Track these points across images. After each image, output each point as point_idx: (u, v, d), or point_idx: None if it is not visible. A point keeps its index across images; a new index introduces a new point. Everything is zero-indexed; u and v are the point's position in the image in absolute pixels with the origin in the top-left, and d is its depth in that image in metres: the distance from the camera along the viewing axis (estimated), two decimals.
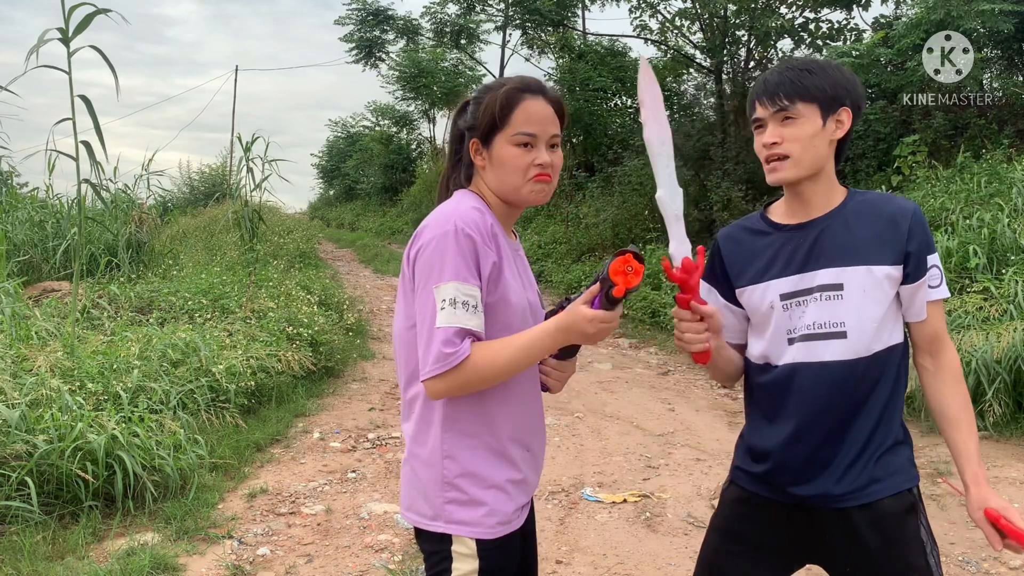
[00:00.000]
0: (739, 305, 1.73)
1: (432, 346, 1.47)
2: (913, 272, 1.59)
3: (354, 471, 4.55)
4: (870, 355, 1.57)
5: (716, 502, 4.09)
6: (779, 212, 1.71)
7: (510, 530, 1.59)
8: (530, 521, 1.77)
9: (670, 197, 1.53)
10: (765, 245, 1.67)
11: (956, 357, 1.66)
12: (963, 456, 1.60)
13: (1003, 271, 6.02)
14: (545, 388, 1.72)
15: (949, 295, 1.67)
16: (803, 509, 1.62)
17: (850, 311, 1.56)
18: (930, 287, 1.61)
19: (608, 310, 1.45)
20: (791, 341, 1.61)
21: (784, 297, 1.62)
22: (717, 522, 1.78)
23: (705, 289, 1.77)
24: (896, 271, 1.58)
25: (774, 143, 1.59)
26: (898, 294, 1.61)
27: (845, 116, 1.60)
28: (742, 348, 1.78)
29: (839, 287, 1.57)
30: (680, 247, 1.51)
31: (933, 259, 1.61)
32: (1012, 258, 6.15)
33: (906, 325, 1.65)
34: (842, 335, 1.57)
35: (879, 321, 1.57)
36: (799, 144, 1.57)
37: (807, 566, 1.71)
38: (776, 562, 1.69)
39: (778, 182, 1.62)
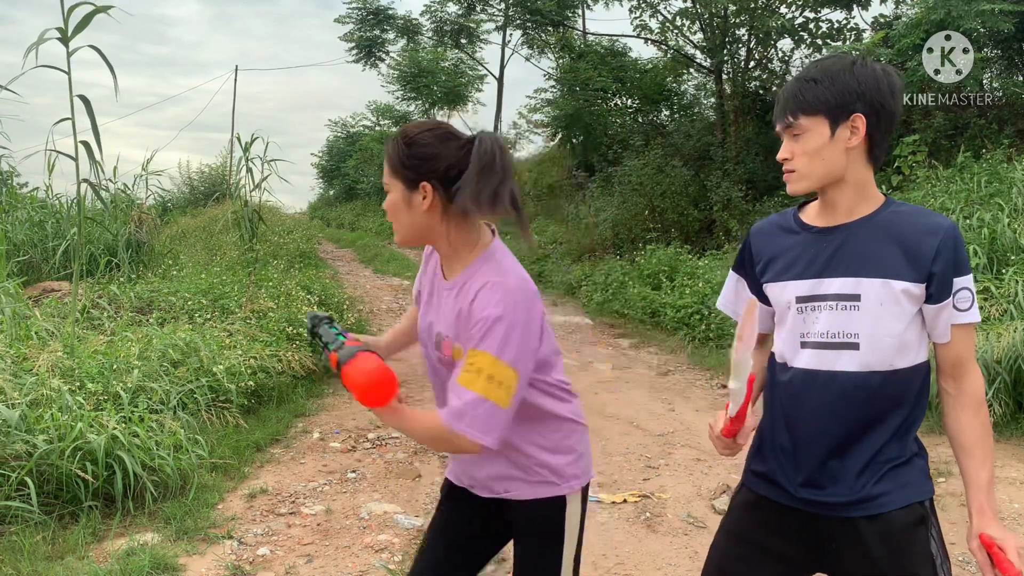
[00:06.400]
0: (767, 300, 1.73)
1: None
2: (936, 293, 1.53)
3: (354, 471, 4.55)
4: (890, 371, 1.54)
5: (716, 502, 4.08)
6: (811, 213, 1.69)
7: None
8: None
9: (738, 386, 1.57)
10: (791, 244, 1.66)
11: (979, 384, 1.60)
12: (972, 486, 1.57)
13: (1003, 271, 6.01)
14: None
15: (979, 319, 1.60)
16: (812, 516, 1.61)
17: (865, 323, 1.53)
18: (958, 310, 1.54)
19: None
20: (803, 345, 1.60)
21: (800, 300, 1.60)
22: (727, 525, 1.76)
23: (734, 279, 1.81)
24: (917, 288, 1.52)
25: (785, 159, 1.61)
26: (922, 312, 1.56)
27: (859, 122, 1.54)
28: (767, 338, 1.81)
29: (856, 297, 1.54)
30: (737, 388, 1.57)
31: (963, 281, 1.53)
32: (1012, 258, 6.14)
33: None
34: (854, 346, 1.54)
35: (898, 337, 1.53)
36: (805, 158, 1.58)
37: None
38: (784, 568, 1.68)
39: (792, 194, 1.64)
